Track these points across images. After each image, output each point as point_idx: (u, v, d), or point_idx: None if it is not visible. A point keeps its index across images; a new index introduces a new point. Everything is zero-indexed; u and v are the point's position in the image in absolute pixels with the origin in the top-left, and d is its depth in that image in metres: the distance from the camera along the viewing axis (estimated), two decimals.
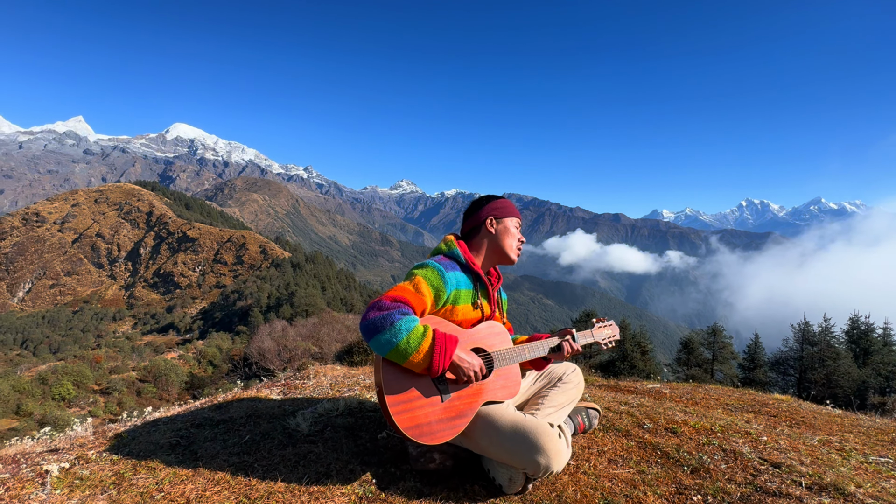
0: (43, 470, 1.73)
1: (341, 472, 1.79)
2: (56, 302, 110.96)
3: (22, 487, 1.61)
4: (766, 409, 3.55)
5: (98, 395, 44.63)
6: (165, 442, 2.05)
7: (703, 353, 26.32)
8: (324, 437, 2.13)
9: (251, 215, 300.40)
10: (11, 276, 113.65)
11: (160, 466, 1.79)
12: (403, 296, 1.67)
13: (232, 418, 2.35)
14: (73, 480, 1.68)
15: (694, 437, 2.12)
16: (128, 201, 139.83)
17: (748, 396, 4.37)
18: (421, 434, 1.65)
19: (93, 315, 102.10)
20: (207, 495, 1.59)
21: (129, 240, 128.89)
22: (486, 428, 1.70)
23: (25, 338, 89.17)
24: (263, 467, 1.82)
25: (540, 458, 1.58)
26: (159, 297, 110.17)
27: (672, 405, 2.91)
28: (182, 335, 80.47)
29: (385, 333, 1.57)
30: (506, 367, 1.87)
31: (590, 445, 2.04)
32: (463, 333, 1.83)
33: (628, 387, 4.83)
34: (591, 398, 3.00)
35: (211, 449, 1.98)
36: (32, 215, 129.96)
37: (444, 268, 1.81)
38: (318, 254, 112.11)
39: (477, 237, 2.01)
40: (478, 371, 1.71)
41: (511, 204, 2.09)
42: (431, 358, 1.61)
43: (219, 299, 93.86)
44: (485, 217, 2.00)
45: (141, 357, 60.61)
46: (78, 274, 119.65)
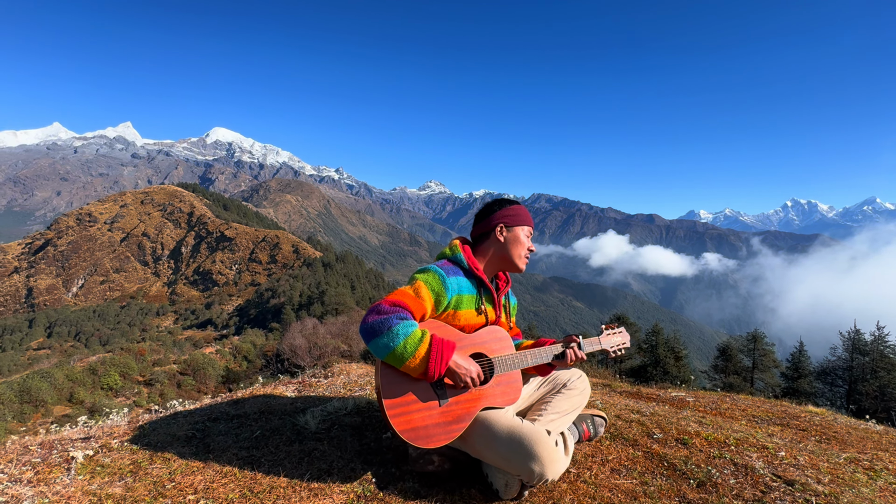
0: (70, 456, 1.86)
1: (343, 471, 1.84)
2: (106, 297, 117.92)
3: (49, 472, 1.74)
4: (797, 422, 3.37)
5: (142, 386, 47.13)
6: (182, 434, 2.15)
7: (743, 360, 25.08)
8: (330, 435, 2.18)
9: (285, 216, 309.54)
10: (67, 273, 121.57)
11: (174, 457, 1.89)
12: (403, 300, 1.69)
13: (246, 413, 2.45)
14: (95, 467, 1.80)
15: (705, 449, 2.04)
16: (171, 202, 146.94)
17: (779, 408, 4.16)
18: (417, 437, 1.67)
19: (138, 310, 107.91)
20: (214, 487, 1.67)
21: (172, 239, 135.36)
22: (483, 433, 1.70)
23: (78, 330, 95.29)
24: (269, 462, 1.88)
25: (534, 466, 1.57)
26: (199, 293, 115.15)
27: (689, 415, 2.81)
28: (219, 331, 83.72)
29: (383, 337, 1.60)
30: (506, 374, 1.85)
31: (594, 454, 2.00)
32: (463, 338, 1.83)
33: (651, 394, 4.69)
34: (604, 405, 2.94)
35: (223, 442, 2.07)
36: (85, 215, 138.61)
37: (445, 273, 1.82)
38: (348, 253, 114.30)
39: (485, 243, 2.00)
40: (474, 377, 1.71)
41: (524, 211, 2.05)
42: (428, 363, 1.62)
43: (253, 297, 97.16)
44: (495, 224, 1.98)
45: (181, 351, 63.47)
46: (125, 271, 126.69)
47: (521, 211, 2.02)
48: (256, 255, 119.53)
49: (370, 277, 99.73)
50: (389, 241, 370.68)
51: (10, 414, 34.02)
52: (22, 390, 37.70)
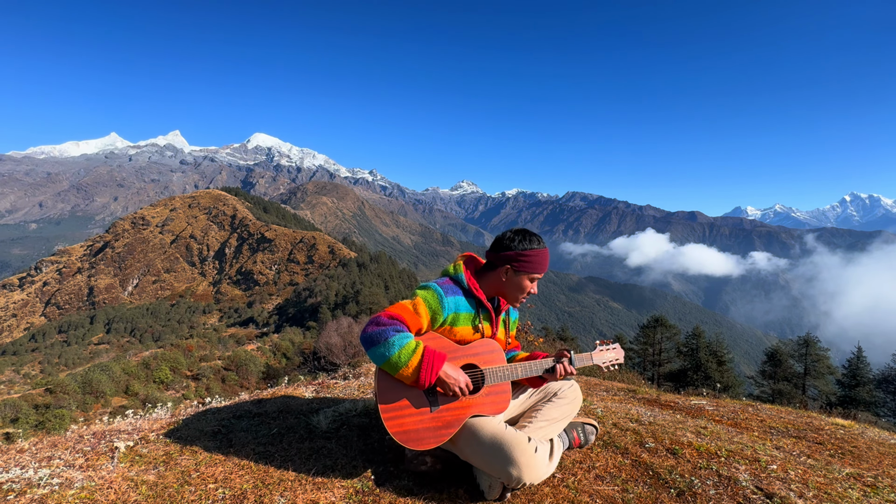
0: (114, 446, 2.15)
1: (345, 467, 2.02)
2: (158, 296, 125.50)
3: (97, 459, 2.02)
4: (815, 434, 3.29)
5: (190, 380, 49.89)
6: (209, 429, 2.41)
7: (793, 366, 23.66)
8: (339, 434, 2.38)
9: (321, 217, 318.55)
10: (123, 273, 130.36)
11: (201, 450, 2.14)
12: (401, 314, 1.85)
13: (266, 412, 2.69)
14: (134, 457, 2.07)
15: (693, 459, 2.08)
16: (215, 206, 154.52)
17: (803, 420, 4.04)
18: (408, 440, 1.83)
19: (186, 308, 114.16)
20: (232, 477, 1.90)
21: (217, 241, 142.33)
22: (469, 437, 1.84)
23: (134, 326, 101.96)
24: (281, 457, 2.10)
25: (512, 470, 1.69)
26: (241, 293, 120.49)
27: (693, 425, 2.82)
28: (260, 328, 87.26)
29: (380, 347, 1.77)
30: (497, 384, 1.97)
31: (583, 460, 2.09)
32: (457, 350, 1.97)
33: (670, 402, 4.65)
34: (606, 412, 2.99)
35: (244, 438, 2.31)
36: (139, 219, 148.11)
37: (444, 292, 1.95)
38: (381, 254, 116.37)
39: (491, 271, 2.07)
40: (462, 387, 1.85)
41: (538, 258, 2.01)
42: (419, 372, 1.78)
43: (292, 296, 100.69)
44: (501, 264, 2.02)
45: (225, 347, 66.61)
46: (175, 271, 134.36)
47: (533, 258, 2.00)
48: (294, 255, 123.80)
49: (403, 277, 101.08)
50: (422, 241, 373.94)
51: (75, 403, 36.95)
52: (84, 382, 40.84)
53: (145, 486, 1.78)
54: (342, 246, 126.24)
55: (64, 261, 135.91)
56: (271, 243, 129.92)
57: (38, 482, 1.74)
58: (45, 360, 77.13)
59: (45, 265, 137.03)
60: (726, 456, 2.13)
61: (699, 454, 2.14)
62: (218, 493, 1.76)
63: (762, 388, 23.39)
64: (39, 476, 1.78)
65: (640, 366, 26.12)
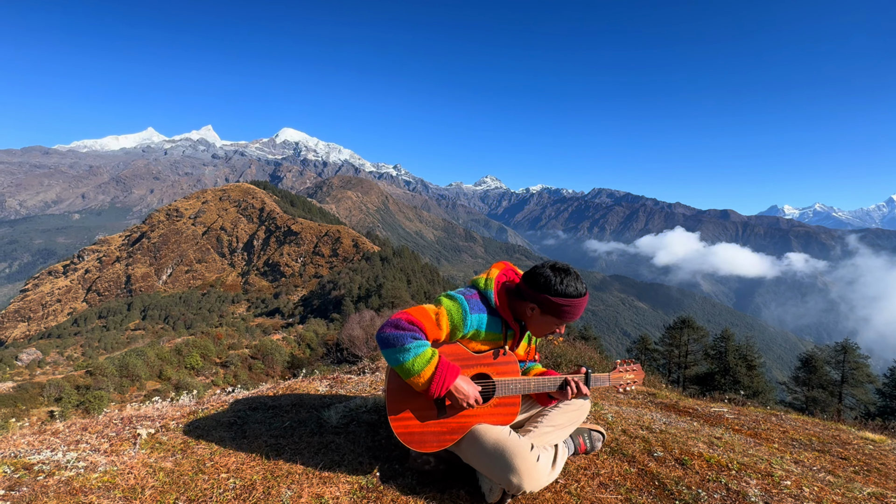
0: (137, 433, 2.27)
1: (352, 463, 2.07)
2: (190, 285, 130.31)
3: (120, 444, 2.14)
4: (840, 449, 3.16)
5: (219, 367, 51.71)
6: (226, 420, 2.51)
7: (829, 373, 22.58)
8: (348, 430, 2.43)
9: (346, 211, 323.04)
10: (158, 262, 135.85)
11: (216, 440, 2.23)
12: (422, 321, 1.80)
13: (281, 405, 2.78)
14: (155, 443, 2.18)
15: (702, 471, 2.04)
16: (244, 199, 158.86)
17: (830, 432, 3.88)
18: (412, 441, 1.86)
19: (216, 297, 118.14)
20: (243, 468, 1.97)
21: (245, 233, 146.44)
22: (473, 442, 1.85)
23: (167, 314, 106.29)
24: (291, 450, 2.17)
25: (512, 477, 1.70)
26: (268, 284, 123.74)
27: (709, 434, 2.75)
28: (286, 319, 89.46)
29: (396, 351, 1.77)
30: (507, 397, 1.96)
31: (588, 467, 2.08)
32: (471, 359, 1.95)
33: (688, 408, 4.55)
34: (616, 417, 2.94)
35: (257, 430, 2.39)
36: (173, 211, 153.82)
37: (469, 309, 1.89)
38: (404, 248, 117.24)
39: (520, 299, 1.97)
40: (471, 402, 1.84)
41: (575, 309, 1.88)
42: (431, 383, 1.78)
43: (316, 288, 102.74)
44: (530, 299, 1.93)
45: (252, 336, 68.64)
46: (206, 262, 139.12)
47: (565, 309, 1.87)
48: (320, 248, 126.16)
49: (425, 272, 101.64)
50: (445, 236, 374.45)
51: (112, 386, 38.91)
52: (121, 366, 42.91)
53: (162, 473, 1.88)
54: (366, 240, 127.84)
55: (104, 250, 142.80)
56: (297, 236, 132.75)
57: (65, 464, 1.86)
58: (87, 344, 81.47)
59: (86, 254, 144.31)
60: (738, 469, 2.08)
61: (709, 466, 2.09)
62: (229, 483, 1.83)
63: (795, 394, 22.48)
64: (67, 459, 1.90)
65: (665, 368, 25.51)
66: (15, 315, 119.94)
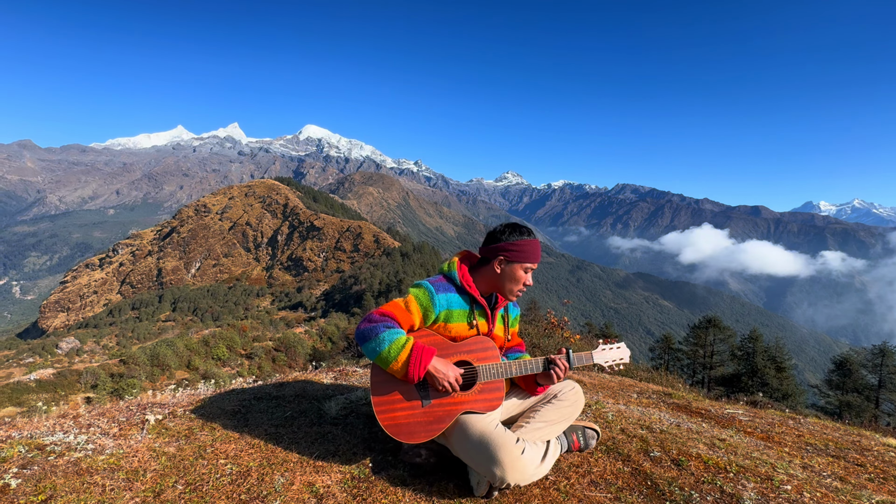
0: (145, 418, 2.37)
1: (346, 454, 2.11)
2: (217, 278, 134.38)
3: (129, 429, 2.24)
4: (859, 455, 3.03)
5: (244, 358, 53.27)
6: (230, 408, 2.60)
7: (866, 377, 21.63)
8: (346, 421, 2.48)
9: (367, 207, 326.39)
10: (187, 256, 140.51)
11: (219, 427, 2.32)
12: (392, 311, 1.92)
13: (284, 395, 2.86)
14: (161, 429, 2.27)
15: (698, 473, 1.99)
16: (269, 195, 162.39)
17: (850, 438, 3.73)
18: (399, 433, 1.89)
19: (242, 291, 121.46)
20: (241, 455, 2.04)
21: (270, 228, 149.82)
22: (460, 434, 1.87)
23: (196, 306, 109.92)
24: (289, 439, 2.23)
25: (496, 470, 1.70)
26: (291, 278, 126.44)
27: (716, 435, 2.68)
28: (308, 313, 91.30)
29: (371, 342, 1.85)
30: (490, 382, 1.97)
31: (580, 464, 2.06)
32: (450, 347, 1.99)
33: (701, 409, 4.44)
34: (617, 416, 2.90)
35: (259, 419, 2.47)
36: (201, 207, 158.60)
37: (435, 290, 1.99)
38: (424, 244, 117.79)
39: (485, 266, 2.09)
40: (452, 382, 1.87)
41: (530, 248, 2.03)
42: (408, 367, 1.83)
43: (338, 283, 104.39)
44: (494, 256, 2.05)
45: (276, 329, 70.40)
46: (232, 256, 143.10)
47: (525, 248, 2.02)
48: (341, 243, 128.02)
49: None
50: (465, 232, 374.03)
51: (144, 374, 40.59)
52: (152, 355, 44.67)
53: (164, 457, 1.96)
54: (386, 235, 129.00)
55: (137, 244, 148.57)
56: (320, 231, 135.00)
57: (76, 446, 1.97)
58: (121, 334, 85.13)
59: (121, 248, 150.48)
60: (736, 471, 2.02)
61: (706, 467, 2.04)
62: (226, 469, 1.90)
63: (828, 398, 21.64)
64: (78, 441, 2.01)
65: (690, 368, 24.94)
66: (56, 305, 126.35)
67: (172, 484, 1.77)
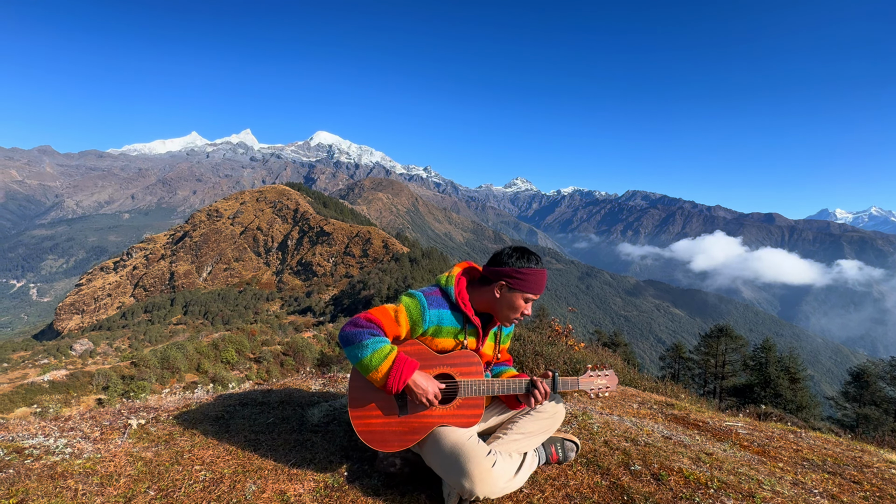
0: (128, 423, 2.39)
1: (322, 462, 2.10)
2: (228, 282, 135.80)
3: (111, 433, 2.26)
4: (857, 473, 2.94)
5: (252, 362, 53.59)
6: (213, 414, 2.61)
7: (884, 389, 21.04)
8: (327, 428, 2.48)
9: (376, 212, 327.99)
10: (199, 260, 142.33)
11: (199, 433, 2.32)
12: (380, 319, 1.85)
13: (269, 402, 2.86)
14: (142, 434, 2.29)
15: (677, 488, 1.94)
16: (280, 200, 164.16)
17: (852, 454, 3.62)
18: (373, 440, 1.88)
19: (252, 295, 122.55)
20: (218, 462, 2.04)
21: (280, 233, 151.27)
22: (433, 444, 1.85)
23: (206, 310, 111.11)
24: (268, 446, 2.22)
25: (465, 482, 1.68)
26: (301, 283, 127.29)
27: (700, 448, 2.62)
28: (317, 317, 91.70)
29: (354, 348, 1.81)
30: (470, 398, 1.93)
31: (557, 477, 2.02)
32: (434, 359, 1.95)
33: (699, 421, 4.35)
34: (602, 426, 2.84)
35: (241, 425, 2.47)
36: (214, 211, 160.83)
37: (428, 304, 1.92)
38: (433, 250, 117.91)
39: (485, 287, 2.02)
40: (430, 398, 1.84)
41: (536, 278, 1.94)
42: (388, 378, 1.79)
43: (347, 288, 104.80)
44: (496, 280, 1.97)
45: (285, 333, 70.78)
46: (243, 260, 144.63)
47: (529, 277, 1.93)
48: (351, 249, 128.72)
49: None
50: (474, 238, 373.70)
51: (154, 377, 41.03)
52: (163, 358, 45.16)
53: (141, 462, 1.97)
54: (395, 241, 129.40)
55: (150, 248, 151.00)
56: (329, 237, 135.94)
57: (54, 450, 1.99)
58: (133, 336, 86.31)
59: (134, 251, 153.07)
60: (717, 487, 1.97)
61: (686, 483, 1.99)
62: (200, 475, 1.90)
63: (844, 411, 21.08)
64: (57, 445, 2.03)
65: (701, 378, 24.49)
66: (71, 308, 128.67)
67: (144, 490, 1.78)
